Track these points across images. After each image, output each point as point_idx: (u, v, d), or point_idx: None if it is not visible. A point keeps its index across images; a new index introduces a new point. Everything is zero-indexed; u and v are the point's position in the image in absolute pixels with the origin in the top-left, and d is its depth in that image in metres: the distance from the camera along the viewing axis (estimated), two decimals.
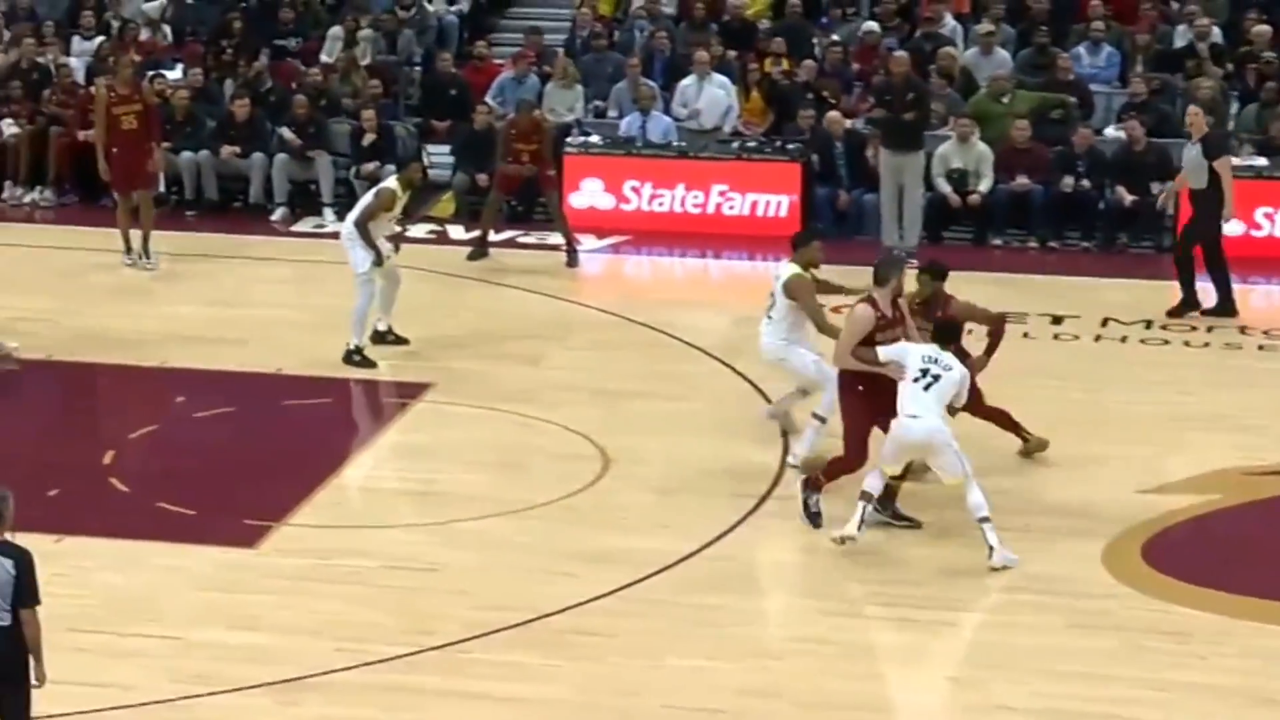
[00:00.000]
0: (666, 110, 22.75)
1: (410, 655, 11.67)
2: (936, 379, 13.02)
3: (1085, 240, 21.30)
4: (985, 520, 13.00)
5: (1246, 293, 19.16)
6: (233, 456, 15.04)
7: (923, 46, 23.07)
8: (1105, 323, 18.54)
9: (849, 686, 11.61)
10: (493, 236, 20.81)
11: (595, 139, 22.41)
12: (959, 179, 21.31)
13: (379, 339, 17.06)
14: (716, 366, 16.75)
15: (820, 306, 14.34)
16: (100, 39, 24.53)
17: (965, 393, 13.30)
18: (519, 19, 26.13)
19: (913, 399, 12.98)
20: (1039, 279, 20.06)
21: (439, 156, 23.17)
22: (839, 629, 12.36)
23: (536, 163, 20.47)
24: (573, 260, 20.45)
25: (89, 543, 13.18)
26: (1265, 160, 21.22)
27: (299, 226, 21.84)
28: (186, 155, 22.34)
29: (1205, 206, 18.64)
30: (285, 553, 13.16)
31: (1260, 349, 17.91)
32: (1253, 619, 12.32)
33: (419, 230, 21.36)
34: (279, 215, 22.16)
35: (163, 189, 22.05)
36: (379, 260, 16.74)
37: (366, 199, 17.10)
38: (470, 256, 20.48)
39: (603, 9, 25.04)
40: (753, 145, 22.28)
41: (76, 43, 24.70)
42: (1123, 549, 13.37)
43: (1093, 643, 12.02)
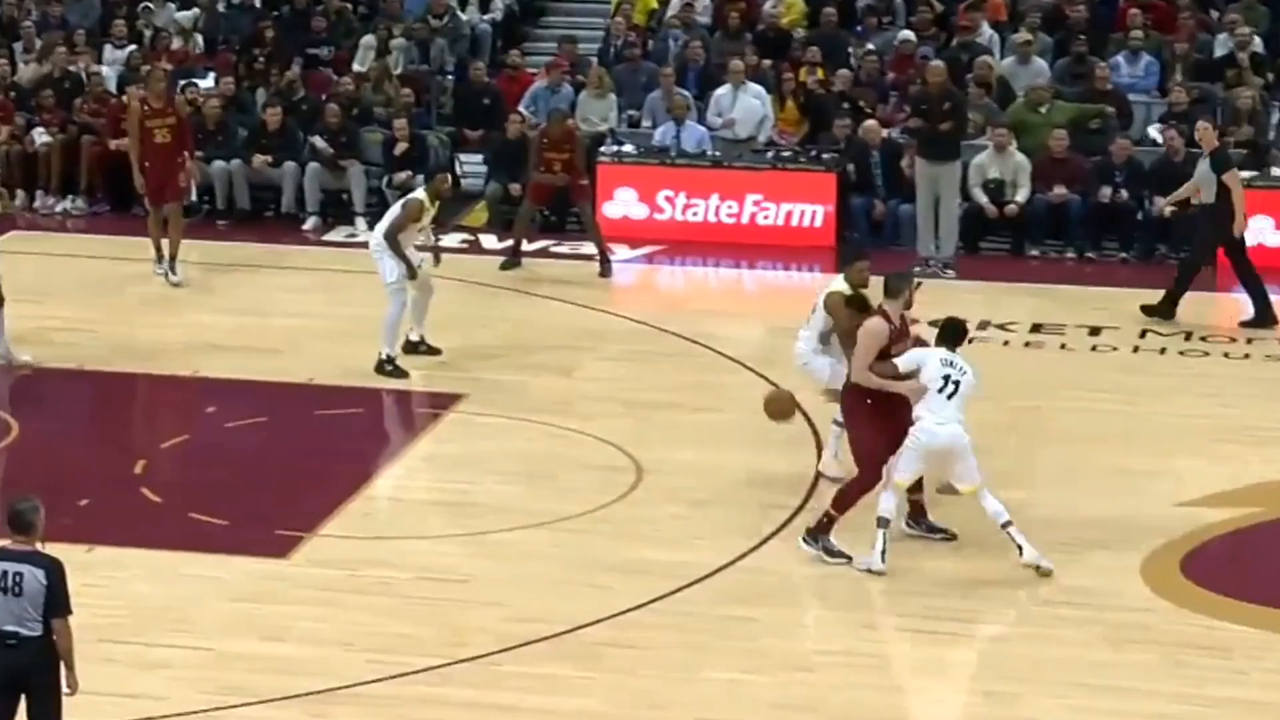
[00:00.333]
0: (701, 120, 22.75)
1: (442, 667, 11.67)
2: (957, 385, 12.99)
3: (1123, 251, 21.22)
4: (1009, 524, 13.02)
5: None
6: (264, 467, 15.08)
7: (959, 56, 23.04)
8: (1144, 334, 18.48)
9: (883, 700, 11.59)
10: (525, 246, 20.83)
11: (629, 148, 22.42)
12: (996, 189, 21.26)
13: (411, 349, 17.08)
14: (750, 377, 16.73)
15: (854, 328, 14.27)
16: (132, 48, 24.58)
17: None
18: (552, 28, 26.16)
19: (937, 407, 12.94)
20: (1077, 290, 20.00)
21: (471, 166, 23.24)
22: (873, 642, 12.35)
23: (569, 172, 20.48)
24: (606, 270, 20.46)
25: (120, 553, 13.21)
26: None
27: (331, 236, 21.88)
28: (218, 164, 22.40)
29: (1214, 220, 18.66)
30: (317, 563, 13.18)
31: None
32: None
33: (451, 240, 21.40)
34: (311, 224, 22.21)
35: (194, 198, 22.12)
36: (411, 273, 16.77)
37: (394, 210, 17.13)
38: (503, 266, 20.51)
39: (637, 18, 25.05)
40: (787, 155, 22.26)
41: (108, 51, 24.77)
42: (1161, 562, 13.32)
43: (1130, 657, 11.98)
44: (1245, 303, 18.79)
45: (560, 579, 12.96)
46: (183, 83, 22.96)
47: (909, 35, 23.74)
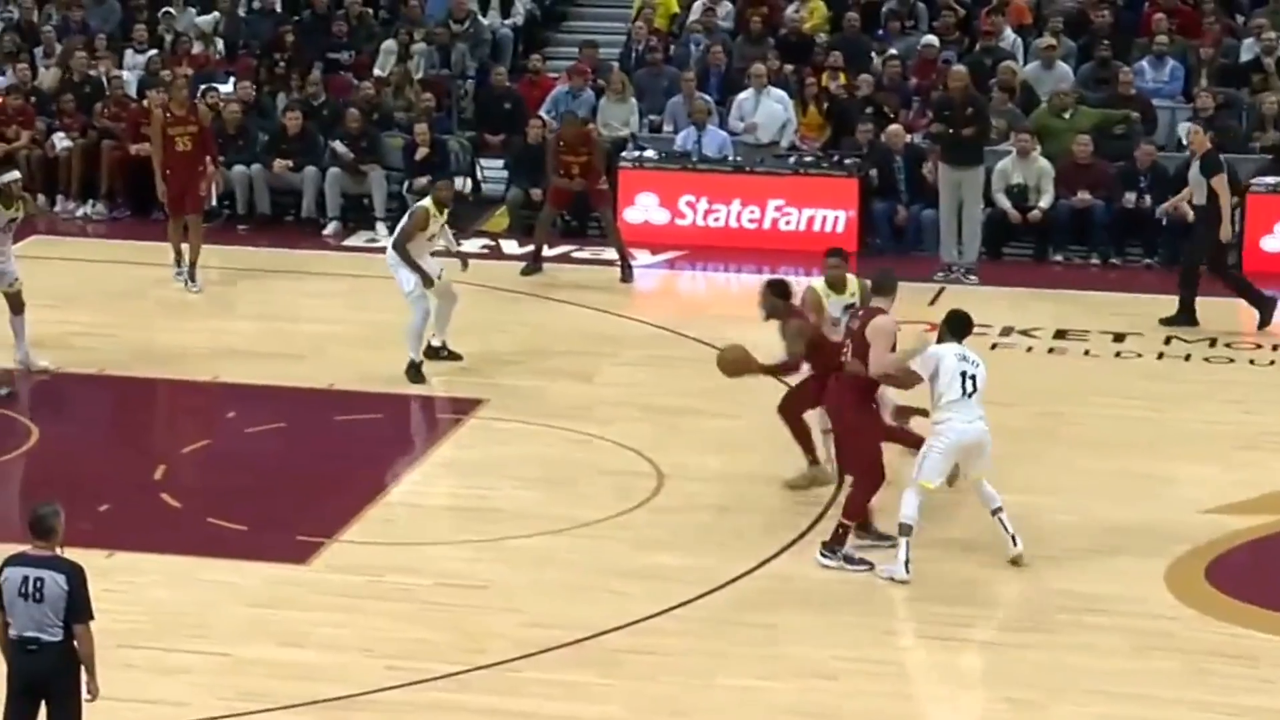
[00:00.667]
0: (722, 124, 22.75)
1: (461, 674, 11.68)
2: (974, 379, 12.98)
3: (1147, 257, 21.19)
4: (1000, 510, 13.12)
5: None
6: (284, 472, 15.10)
7: (982, 60, 23.01)
8: (1168, 340, 18.44)
9: (903, 707, 11.58)
10: (546, 251, 20.84)
11: (650, 153, 22.42)
12: (1019, 194, 21.24)
13: (432, 354, 17.10)
14: (772, 383, 16.68)
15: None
16: (153, 52, 24.64)
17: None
18: (573, 32, 26.18)
19: (961, 406, 12.92)
20: (1100, 296, 19.97)
21: (492, 171, 23.27)
22: (893, 649, 12.34)
23: (586, 175, 20.49)
24: (627, 275, 20.47)
25: (140, 558, 13.24)
26: None
27: (351, 241, 21.90)
28: (239, 169, 22.44)
29: (1207, 223, 18.71)
30: (336, 569, 13.19)
31: None
32: None
33: (472, 245, 21.39)
34: (331, 229, 22.23)
35: (215, 203, 22.17)
36: (427, 281, 16.78)
37: (403, 221, 17.19)
38: (524, 271, 20.52)
39: (658, 22, 25.06)
40: (810, 160, 22.25)
41: (129, 56, 24.83)
42: (1186, 569, 13.29)
43: (1154, 664, 11.95)
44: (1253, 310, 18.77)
45: (580, 585, 12.96)
46: (203, 87, 23.01)
47: (932, 40, 23.72)
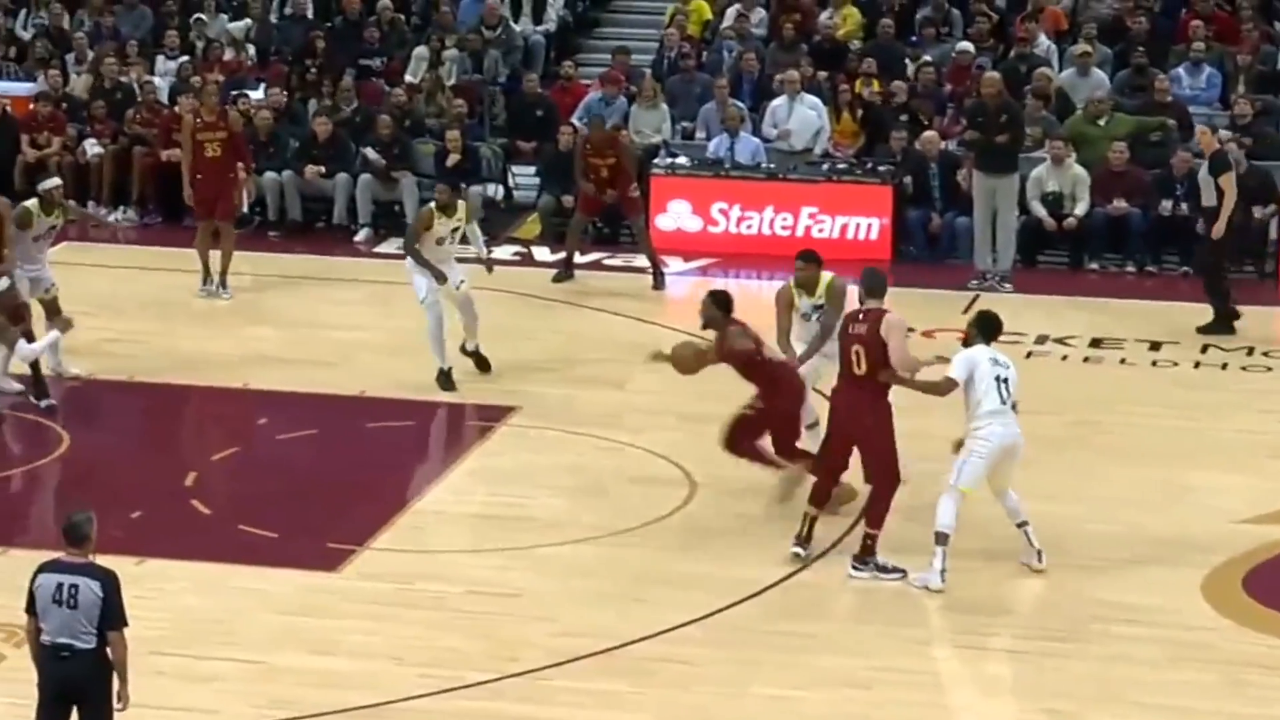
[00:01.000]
0: (755, 131, 22.75)
1: (493, 682, 11.68)
2: (1007, 383, 12.97)
3: (1184, 265, 21.13)
4: (1027, 524, 13.15)
5: None
6: (315, 479, 15.12)
7: (1017, 67, 22.98)
8: (1205, 349, 18.39)
9: (940, 718, 11.54)
10: (578, 259, 20.85)
11: (682, 160, 22.41)
12: (1054, 202, 21.21)
13: (465, 353, 17.08)
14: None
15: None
16: (184, 58, 24.72)
17: None
18: (606, 39, 26.19)
19: (1000, 411, 12.90)
20: (1136, 304, 19.92)
21: (524, 177, 23.30)
22: (927, 658, 12.30)
23: (615, 178, 20.46)
24: (659, 283, 20.47)
25: (170, 565, 13.27)
26: None
27: (382, 248, 21.92)
28: (270, 175, 22.49)
29: (1215, 222, 18.77)
30: (367, 577, 13.21)
31: None
32: None
33: (504, 252, 21.44)
34: (362, 236, 22.28)
35: (246, 209, 22.22)
36: (439, 278, 16.78)
37: (409, 225, 17.26)
38: (555, 279, 20.53)
39: (691, 29, 25.06)
40: (843, 167, 22.24)
41: (160, 62, 24.90)
42: (1223, 580, 13.24)
43: (1193, 676, 11.91)
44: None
45: (612, 594, 12.96)
46: (234, 93, 23.08)
47: (967, 46, 23.68)
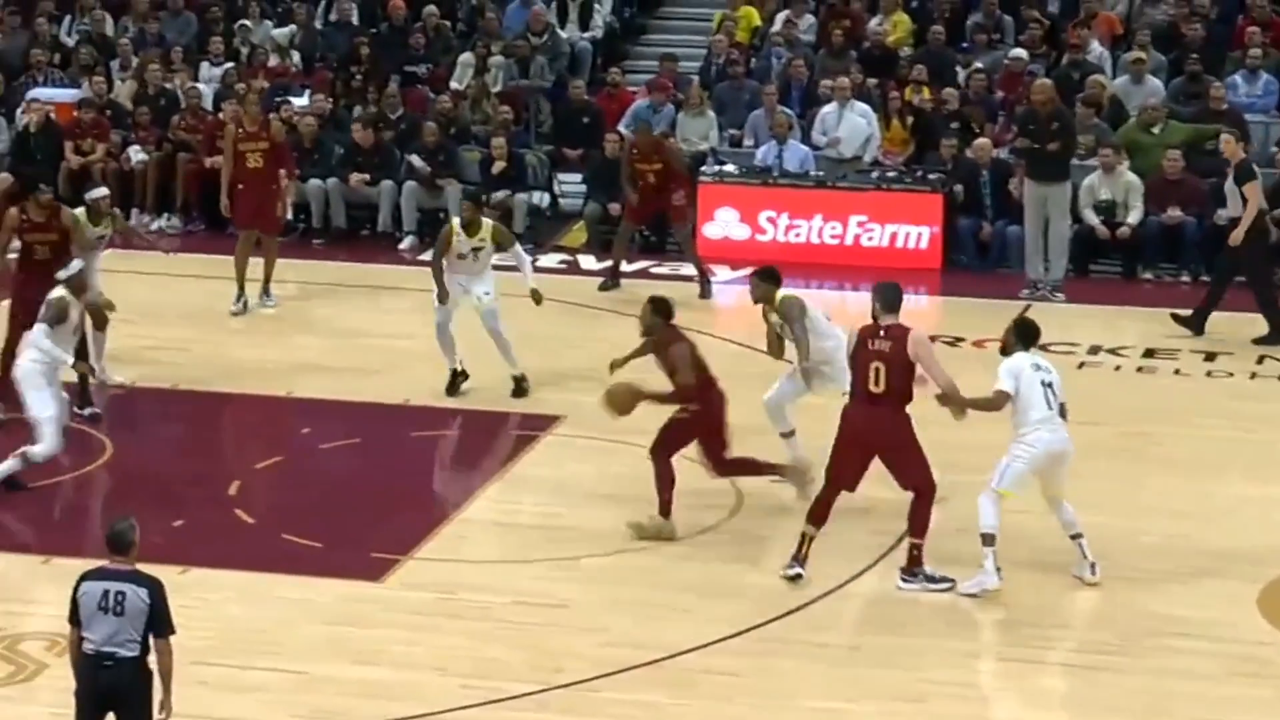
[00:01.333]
0: (803, 139, 22.73)
1: (538, 693, 11.70)
2: (1052, 387, 12.94)
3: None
4: (1081, 536, 13.10)
5: None
6: (359, 488, 15.15)
7: (1070, 74, 22.92)
8: (1261, 360, 18.31)
9: None
10: (625, 267, 20.87)
11: (730, 168, 22.42)
12: (1107, 210, 21.14)
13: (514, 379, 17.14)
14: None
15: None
16: (229, 65, 24.79)
17: None
18: (653, 45, 26.21)
19: (1047, 416, 12.87)
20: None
21: (570, 185, 23.31)
22: (978, 671, 12.29)
23: (661, 184, 20.44)
24: (706, 291, 20.47)
25: (213, 574, 13.32)
26: None
27: (427, 255, 21.86)
28: (314, 183, 22.57)
29: (1246, 234, 18.78)
30: (411, 587, 13.24)
31: None
32: None
33: (550, 260, 21.50)
34: (407, 244, 22.33)
35: (290, 217, 22.29)
36: (442, 296, 16.85)
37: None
38: (602, 287, 20.55)
39: (739, 35, 25.06)
40: (893, 175, 22.21)
41: (205, 69, 24.98)
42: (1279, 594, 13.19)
43: (1247, 691, 11.86)
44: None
45: (658, 604, 12.97)
46: (277, 100, 23.16)
47: (1021, 53, 23.61)
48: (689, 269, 20.79)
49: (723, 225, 21.90)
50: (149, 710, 9.79)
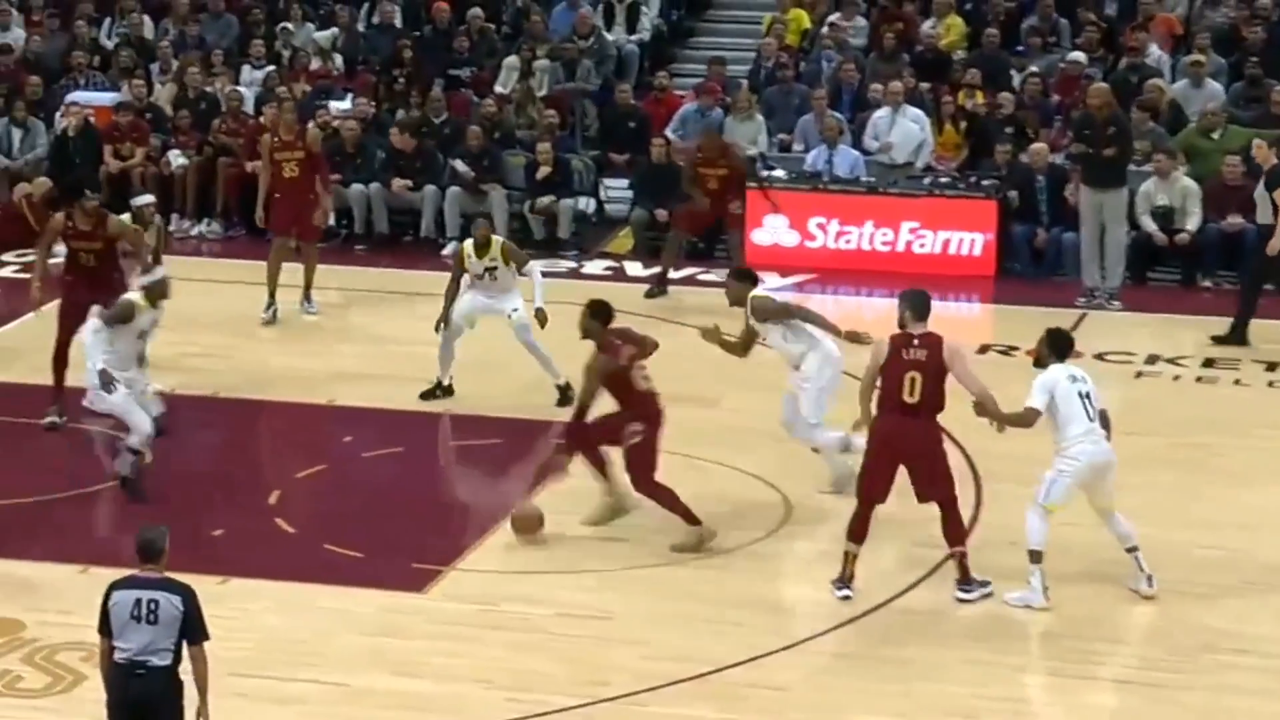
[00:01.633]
0: (854, 143, 22.75)
1: (583, 707, 11.72)
2: (1089, 397, 12.93)
3: None
4: (1137, 549, 13.06)
5: None
6: (401, 498, 15.22)
7: (1128, 78, 22.90)
8: None
9: None
10: (672, 274, 20.90)
11: (779, 173, 22.45)
12: (1164, 216, 21.10)
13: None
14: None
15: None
16: (270, 68, 24.93)
17: None
18: (701, 49, 26.26)
19: (1088, 428, 12.86)
20: (1252, 323, 19.72)
21: (617, 191, 23.37)
22: (1034, 687, 12.28)
23: (723, 189, 20.44)
24: None
25: (253, 584, 13.40)
26: None
27: None
28: (356, 188, 22.67)
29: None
30: (454, 598, 13.29)
31: None
32: None
33: (595, 267, 21.54)
34: (450, 250, 22.32)
35: (332, 222, 22.38)
36: (444, 319, 17.01)
37: None
38: (648, 294, 20.59)
39: (789, 38, 25.10)
40: (946, 181, 22.21)
41: (246, 72, 25.12)
42: None
43: None
44: None
45: (705, 617, 12.99)
46: (317, 104, 23.26)
47: (1079, 56, 23.58)
48: None
49: (771, 231, 21.93)
50: (181, 718, 9.83)
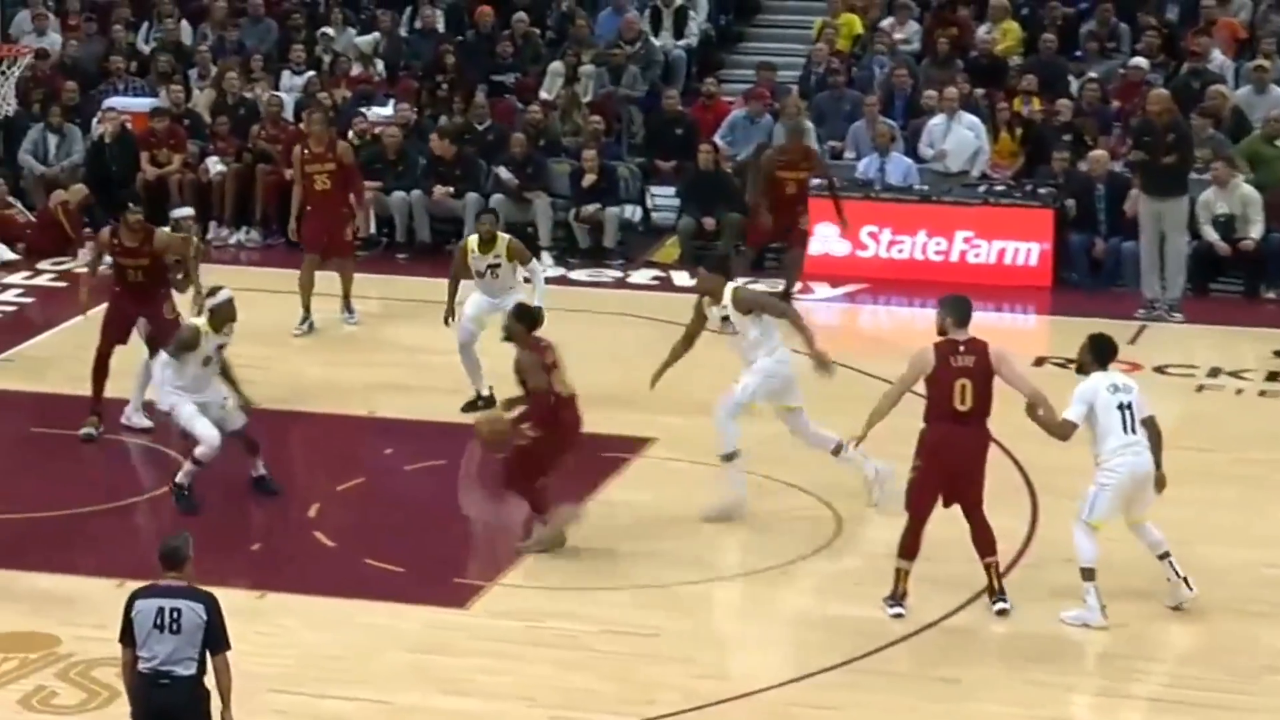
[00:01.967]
0: (907, 151, 22.74)
1: None
2: (1130, 408, 12.89)
3: None
4: (1169, 554, 13.05)
5: None
6: (443, 511, 15.29)
7: (1190, 84, 22.85)
8: None
9: None
10: None
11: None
12: (1226, 225, 21.04)
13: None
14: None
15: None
16: (310, 74, 25.00)
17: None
18: (750, 54, 26.27)
19: (1127, 440, 12.84)
20: None
21: (663, 199, 23.39)
22: (1091, 708, 12.27)
23: (800, 195, 20.30)
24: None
25: (292, 599, 13.46)
26: None
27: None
28: (398, 195, 22.74)
29: None
30: (497, 614, 13.32)
31: None
32: None
33: (642, 276, 21.56)
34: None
35: (373, 230, 22.48)
36: (449, 311, 17.08)
37: None
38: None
39: (840, 43, 25.10)
40: (1001, 189, 22.19)
41: (286, 77, 25.19)
42: None
43: None
44: None
45: (753, 634, 13.01)
46: (357, 110, 23.31)
47: (1140, 62, 23.52)
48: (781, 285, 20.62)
49: (822, 241, 21.88)
50: None
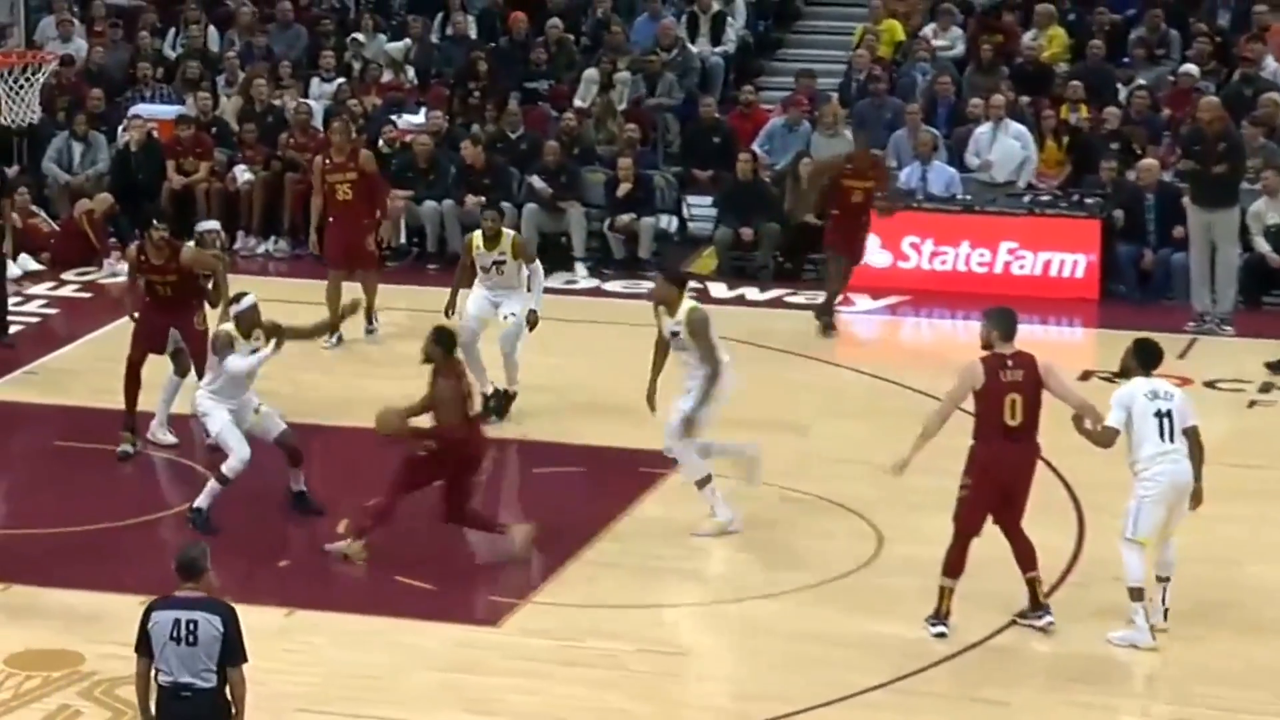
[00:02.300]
0: (950, 160, 22.72)
1: None
2: (1169, 416, 12.87)
3: None
4: (1169, 580, 13.10)
5: None
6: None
7: (1242, 91, 22.81)
8: None
9: None
10: (757, 296, 20.86)
11: None
12: (1278, 237, 20.99)
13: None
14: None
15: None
16: (340, 80, 25.05)
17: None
18: (789, 61, 26.29)
19: (1164, 448, 12.83)
20: None
21: (700, 208, 23.40)
22: None
23: (865, 205, 20.29)
24: (828, 326, 20.27)
25: (320, 617, 13.49)
26: None
27: (548, 282, 22.01)
28: (429, 204, 22.78)
29: None
30: (530, 633, 13.34)
31: None
32: None
33: None
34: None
35: (403, 240, 22.52)
36: (451, 304, 17.34)
37: None
38: (823, 331, 20.27)
39: (882, 50, 25.09)
40: (1046, 199, 22.16)
41: (315, 84, 25.25)
42: None
43: None
44: None
45: (793, 654, 13.00)
46: (388, 117, 23.33)
47: (1191, 69, 23.48)
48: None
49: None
50: None
